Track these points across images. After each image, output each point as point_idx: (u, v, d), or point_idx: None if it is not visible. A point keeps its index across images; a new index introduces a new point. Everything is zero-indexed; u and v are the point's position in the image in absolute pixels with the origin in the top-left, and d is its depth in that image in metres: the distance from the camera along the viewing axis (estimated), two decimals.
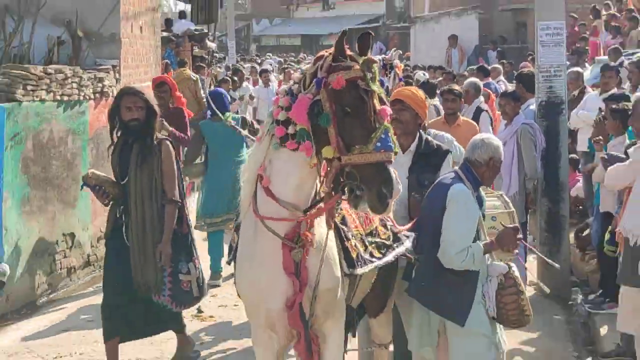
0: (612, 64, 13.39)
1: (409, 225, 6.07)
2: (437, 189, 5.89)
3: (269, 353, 5.28)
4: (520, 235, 5.88)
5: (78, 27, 12.67)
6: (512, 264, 5.89)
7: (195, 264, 7.88)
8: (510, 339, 6.49)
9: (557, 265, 8.87)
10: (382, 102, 4.78)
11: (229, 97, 11.61)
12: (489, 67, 18.87)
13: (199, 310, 9.69)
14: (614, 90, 11.16)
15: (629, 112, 8.14)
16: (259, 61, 33.93)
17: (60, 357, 8.58)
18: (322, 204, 4.98)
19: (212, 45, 25.95)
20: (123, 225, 7.55)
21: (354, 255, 5.35)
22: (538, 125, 10.33)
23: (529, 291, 10.02)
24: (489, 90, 13.58)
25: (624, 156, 7.41)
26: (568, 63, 12.71)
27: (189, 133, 11.51)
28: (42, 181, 10.81)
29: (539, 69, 10.78)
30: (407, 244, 5.91)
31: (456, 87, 10.31)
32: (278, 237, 4.98)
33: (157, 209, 7.52)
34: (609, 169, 7.39)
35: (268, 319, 5.18)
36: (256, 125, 10.87)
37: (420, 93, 6.75)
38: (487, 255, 5.79)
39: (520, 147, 9.92)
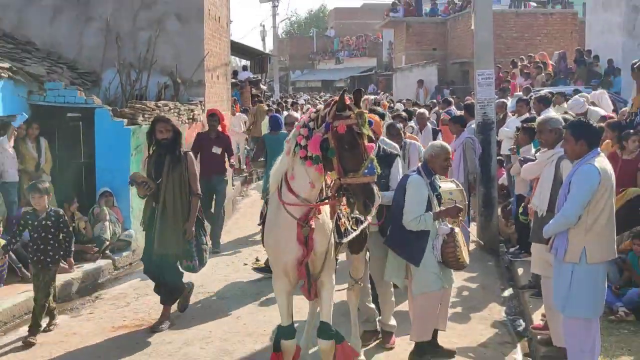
0: (524, 97, 13.30)
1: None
2: (403, 179, 6.09)
3: (283, 287, 5.30)
4: (462, 211, 6.08)
5: (177, 76, 12.72)
6: (456, 228, 6.03)
7: (208, 239, 7.72)
8: (458, 277, 6.53)
9: (481, 242, 8.94)
10: (370, 140, 4.75)
11: (282, 119, 11.64)
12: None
13: (257, 259, 9.71)
14: (526, 115, 11.13)
15: (535, 130, 8.22)
16: (295, 97, 33.93)
17: None
18: (326, 201, 5.07)
19: (264, 87, 25.97)
20: (156, 211, 7.17)
21: (343, 230, 5.40)
22: (477, 138, 10.32)
23: (472, 246, 10.07)
24: (447, 115, 13.48)
25: (533, 158, 7.43)
26: (496, 97, 12.68)
27: (233, 151, 11.65)
28: None
29: (477, 101, 10.74)
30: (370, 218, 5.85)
31: (403, 114, 10.26)
32: (294, 218, 5.00)
33: (186, 200, 7.17)
34: (523, 166, 7.40)
35: (284, 267, 5.22)
36: None
37: (376, 117, 6.51)
38: (438, 221, 5.98)
39: (465, 152, 9.95)
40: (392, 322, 6.64)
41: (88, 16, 12.74)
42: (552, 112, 8.65)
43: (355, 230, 5.62)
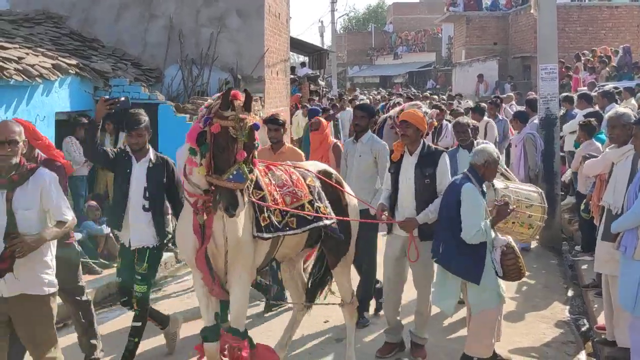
0: (589, 93, 12.98)
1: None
2: (451, 187, 5.51)
3: (198, 279, 5.04)
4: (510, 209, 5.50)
5: (238, 72, 12.88)
6: (509, 237, 5.61)
7: None
8: None
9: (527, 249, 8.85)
10: (247, 147, 4.52)
11: (320, 111, 11.40)
12: (506, 95, 18.25)
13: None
14: (590, 109, 10.89)
15: (593, 126, 8.85)
16: (354, 94, 33.84)
17: None
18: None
19: (322, 83, 26.04)
20: None
21: (264, 224, 4.94)
22: (539, 134, 10.13)
23: (533, 244, 9.91)
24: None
25: (596, 155, 7.28)
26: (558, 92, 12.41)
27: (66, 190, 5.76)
28: None
29: (540, 96, 10.54)
30: (327, 222, 5.39)
31: (281, 117, 8.08)
32: (190, 204, 4.83)
33: None
34: (586, 162, 7.23)
35: (188, 259, 5.09)
36: None
37: (420, 113, 6.12)
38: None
39: (525, 148, 9.77)
40: (426, 335, 6.23)
41: (152, 14, 13.00)
42: (620, 107, 8.45)
43: (293, 228, 5.14)
